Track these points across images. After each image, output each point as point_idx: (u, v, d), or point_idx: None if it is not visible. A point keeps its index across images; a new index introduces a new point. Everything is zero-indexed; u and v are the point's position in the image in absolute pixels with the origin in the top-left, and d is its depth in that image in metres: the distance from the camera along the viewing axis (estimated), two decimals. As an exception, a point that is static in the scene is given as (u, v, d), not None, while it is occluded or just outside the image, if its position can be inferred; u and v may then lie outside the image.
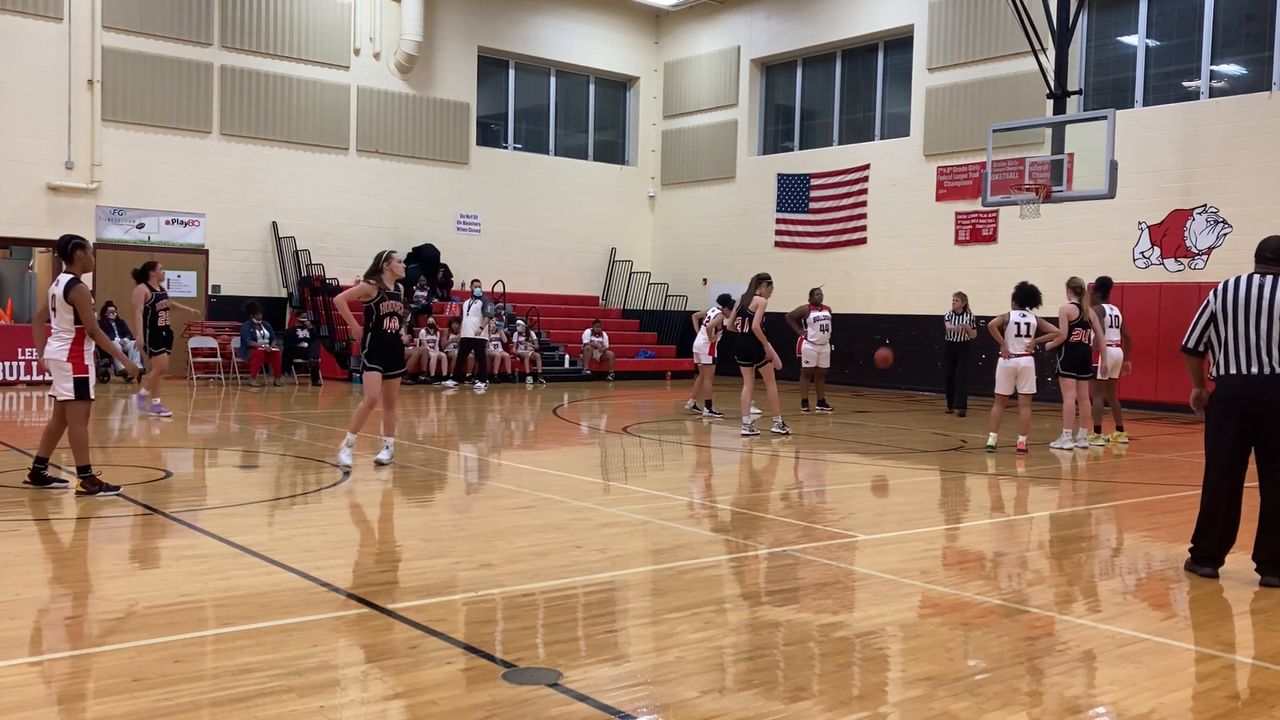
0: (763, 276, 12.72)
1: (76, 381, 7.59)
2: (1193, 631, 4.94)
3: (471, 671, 4.11)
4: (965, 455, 11.46)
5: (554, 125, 25.48)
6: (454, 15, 23.30)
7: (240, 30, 20.59)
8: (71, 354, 7.57)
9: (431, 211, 23.06)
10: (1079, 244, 18.26)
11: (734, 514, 7.80)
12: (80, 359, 7.60)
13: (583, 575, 5.69)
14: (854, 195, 21.99)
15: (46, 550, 6.16)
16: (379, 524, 7.26)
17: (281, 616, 4.75)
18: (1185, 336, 6.11)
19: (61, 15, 18.72)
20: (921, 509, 8.39)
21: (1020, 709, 3.85)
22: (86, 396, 7.65)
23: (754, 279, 12.72)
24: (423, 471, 9.59)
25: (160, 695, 3.76)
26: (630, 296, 25.93)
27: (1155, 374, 17.14)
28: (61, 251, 7.75)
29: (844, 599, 5.38)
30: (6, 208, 18.42)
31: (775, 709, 3.79)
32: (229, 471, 9.46)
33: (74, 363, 7.58)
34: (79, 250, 7.72)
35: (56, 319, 7.62)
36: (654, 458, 11.16)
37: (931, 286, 20.19)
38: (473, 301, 19.30)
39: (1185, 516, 7.89)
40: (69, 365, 7.57)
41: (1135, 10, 18.25)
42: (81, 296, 7.56)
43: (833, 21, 22.55)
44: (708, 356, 15.07)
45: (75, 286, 7.54)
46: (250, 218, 20.79)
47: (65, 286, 7.54)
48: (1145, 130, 17.43)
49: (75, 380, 7.59)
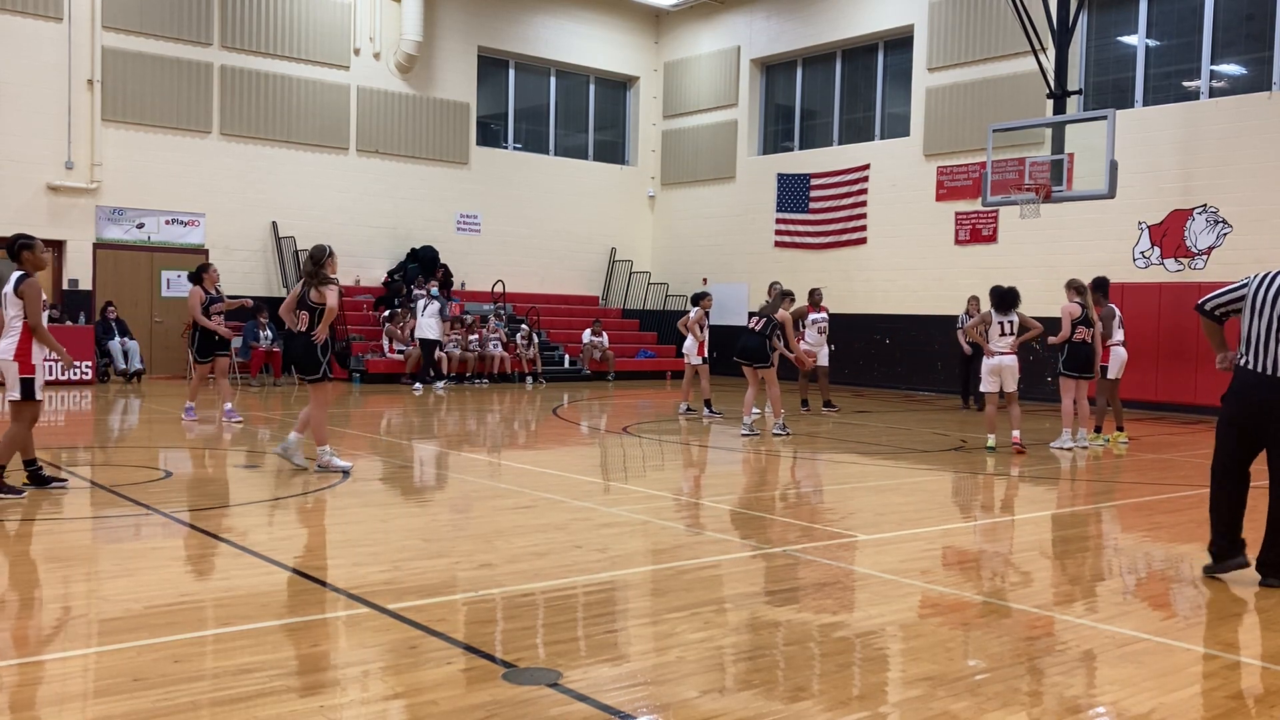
0: (786, 293, 13.09)
1: (22, 382, 7.46)
2: (1193, 631, 4.94)
3: (471, 671, 4.11)
4: (965, 455, 11.47)
5: (554, 125, 25.48)
6: (454, 15, 23.30)
7: (240, 30, 20.59)
8: (19, 353, 7.45)
9: (431, 211, 23.06)
10: (1079, 244, 18.26)
11: (734, 514, 7.80)
12: (27, 358, 7.46)
13: (583, 575, 5.69)
14: (854, 195, 21.99)
15: (46, 550, 6.16)
16: (379, 524, 7.26)
17: (281, 616, 4.75)
18: (1208, 296, 6.00)
19: (61, 15, 18.72)
20: (921, 509, 8.39)
21: (1020, 709, 3.85)
22: (32, 397, 7.50)
23: (779, 293, 13.04)
24: (422, 471, 9.58)
25: (160, 695, 3.76)
26: (630, 296, 25.94)
27: (1155, 374, 17.16)
28: (10, 252, 7.65)
29: (844, 599, 5.38)
30: (6, 208, 18.42)
31: (775, 709, 3.79)
32: (229, 471, 9.46)
33: (20, 362, 7.44)
34: (26, 250, 7.56)
35: (7, 317, 7.51)
36: (654, 458, 11.15)
37: (932, 286, 20.19)
38: (429, 302, 19.30)
39: (1185, 516, 7.90)
40: (15, 365, 7.44)
41: (1135, 10, 18.25)
42: (32, 290, 7.44)
43: (833, 21, 22.55)
44: (697, 357, 15.02)
45: (25, 281, 7.41)
46: (250, 218, 20.79)
47: (15, 281, 7.44)
48: (1145, 130, 17.42)
49: (21, 381, 7.45)
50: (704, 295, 15.27)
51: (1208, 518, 5.97)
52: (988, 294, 11.93)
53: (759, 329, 12.72)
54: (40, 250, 7.71)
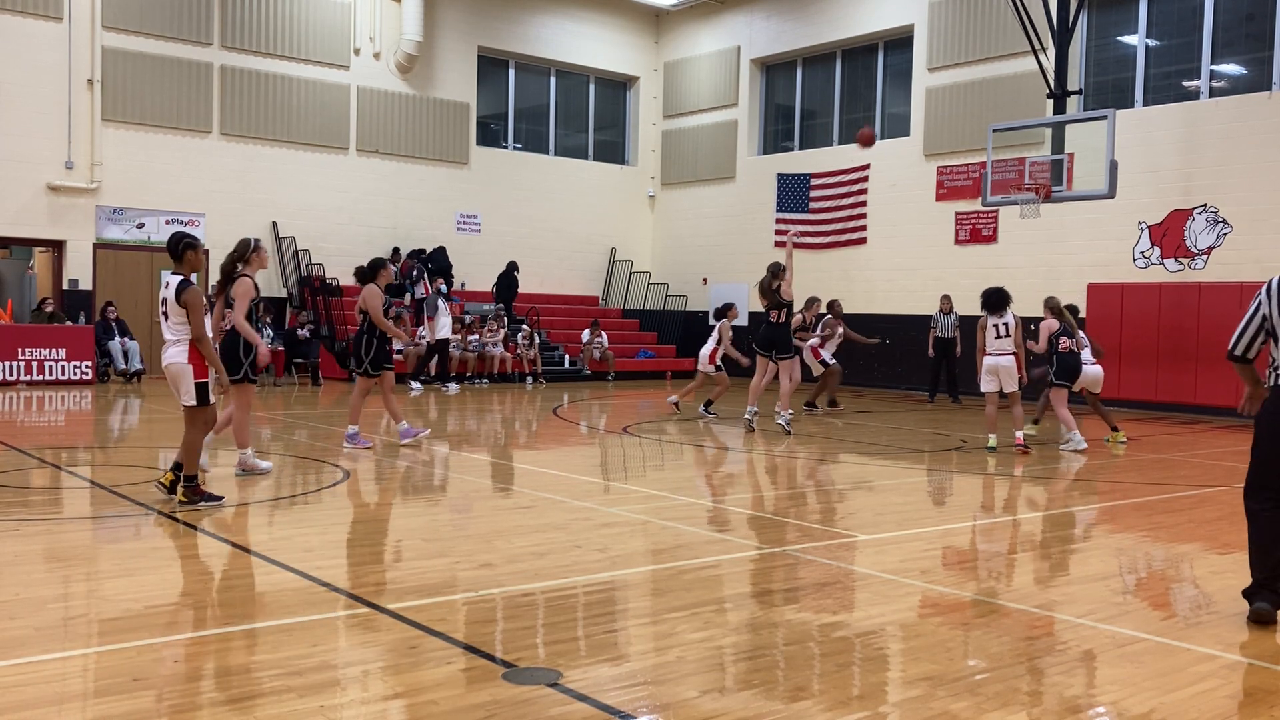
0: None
1: (198, 387, 7.38)
2: (1192, 631, 4.93)
3: (471, 671, 4.10)
4: (966, 455, 11.47)
5: (554, 125, 25.48)
6: (454, 15, 23.30)
7: (240, 30, 20.59)
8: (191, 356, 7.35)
9: (431, 211, 23.06)
10: (1079, 244, 18.27)
11: (734, 514, 7.80)
12: (200, 362, 7.39)
13: (583, 575, 5.69)
14: (854, 195, 21.99)
15: (46, 550, 6.16)
16: (379, 524, 7.26)
17: (281, 616, 4.75)
18: (1233, 341, 5.25)
19: (61, 15, 18.72)
20: (921, 509, 8.39)
21: (1020, 709, 3.85)
22: (207, 402, 7.44)
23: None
24: (422, 471, 9.58)
25: (160, 695, 3.76)
26: (630, 296, 25.93)
27: (1155, 374, 17.16)
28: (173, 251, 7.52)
29: (844, 599, 5.38)
30: (6, 208, 18.43)
31: (775, 709, 3.79)
32: (229, 471, 9.45)
33: (195, 365, 7.36)
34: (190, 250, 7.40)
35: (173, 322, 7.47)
36: (654, 458, 11.15)
37: (931, 286, 20.18)
38: (445, 302, 19.28)
39: (1185, 516, 7.90)
40: (189, 369, 7.36)
41: (1135, 10, 18.25)
42: (195, 299, 7.32)
43: (833, 21, 22.55)
44: (710, 365, 14.90)
45: (188, 289, 7.25)
46: (250, 218, 20.77)
47: (177, 288, 7.35)
48: (1145, 130, 17.42)
49: (196, 386, 7.38)
50: (730, 307, 15.06)
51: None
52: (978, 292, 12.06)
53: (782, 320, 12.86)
54: (202, 250, 7.62)
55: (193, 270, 7.40)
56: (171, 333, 7.38)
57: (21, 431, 11.92)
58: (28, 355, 17.12)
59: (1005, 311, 11.63)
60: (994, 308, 11.63)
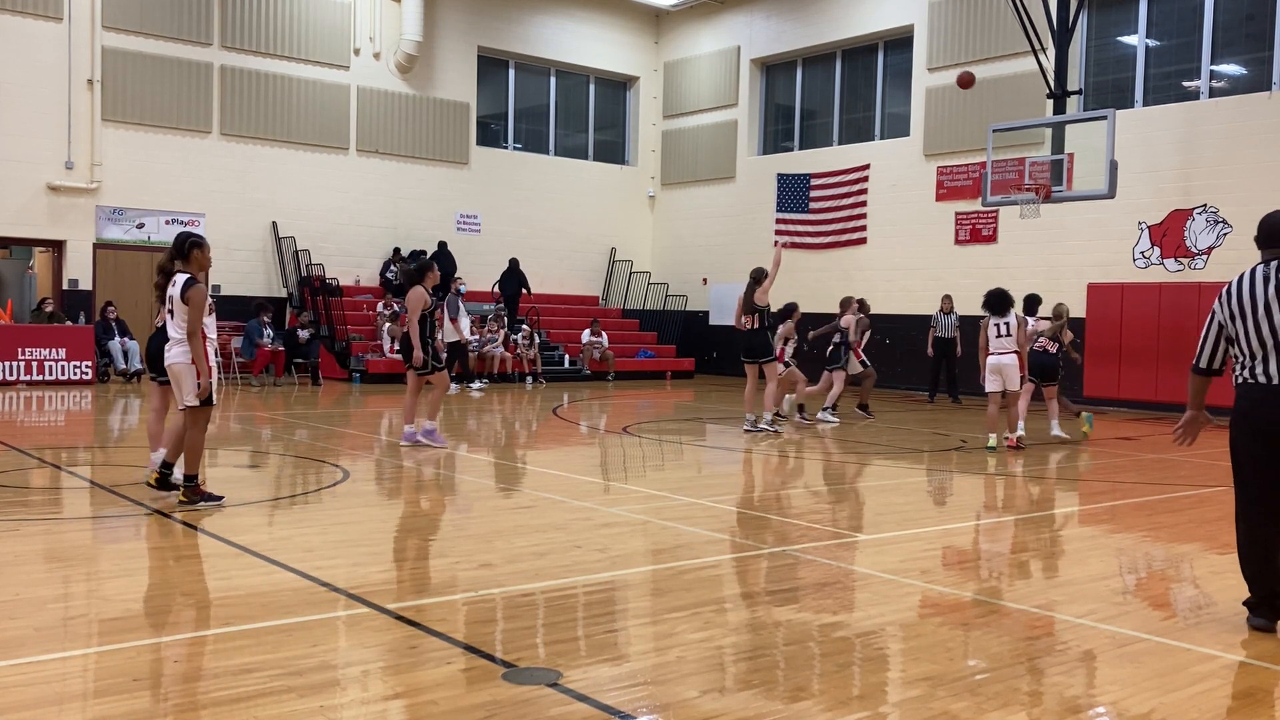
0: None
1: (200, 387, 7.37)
2: (1193, 631, 4.93)
3: (471, 671, 4.10)
4: (966, 455, 11.47)
5: (554, 125, 25.48)
6: (454, 15, 23.30)
7: (240, 30, 20.59)
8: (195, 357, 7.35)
9: (431, 211, 23.06)
10: (1079, 244, 18.27)
11: (734, 514, 7.80)
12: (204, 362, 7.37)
13: (583, 575, 5.69)
14: (854, 195, 21.99)
15: (46, 550, 6.16)
16: (379, 524, 7.26)
17: (281, 616, 4.75)
18: (1196, 354, 5.24)
19: (61, 15, 18.72)
20: (921, 509, 8.39)
21: (1020, 709, 3.85)
22: (210, 402, 7.43)
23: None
24: (423, 471, 9.58)
25: (160, 695, 3.76)
26: (630, 296, 25.94)
27: (1155, 374, 17.16)
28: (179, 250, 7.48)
29: (844, 599, 5.38)
30: (6, 208, 18.43)
31: (775, 709, 3.79)
32: (229, 471, 9.45)
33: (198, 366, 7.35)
34: (196, 249, 7.39)
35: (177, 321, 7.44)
36: (654, 458, 11.15)
37: (931, 286, 20.17)
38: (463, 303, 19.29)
39: (1185, 516, 7.91)
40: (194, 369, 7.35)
41: (1135, 10, 18.25)
42: (198, 297, 7.31)
43: (833, 21, 22.55)
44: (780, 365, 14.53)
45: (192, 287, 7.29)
46: (250, 218, 20.79)
47: (183, 286, 7.34)
48: (1145, 130, 17.42)
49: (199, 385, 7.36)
50: (794, 308, 14.62)
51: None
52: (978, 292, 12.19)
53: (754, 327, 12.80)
54: (208, 250, 7.59)
55: (200, 269, 7.41)
56: (177, 330, 7.37)
57: (21, 431, 11.92)
58: (28, 355, 17.12)
59: (1008, 313, 11.73)
60: (997, 310, 11.70)
